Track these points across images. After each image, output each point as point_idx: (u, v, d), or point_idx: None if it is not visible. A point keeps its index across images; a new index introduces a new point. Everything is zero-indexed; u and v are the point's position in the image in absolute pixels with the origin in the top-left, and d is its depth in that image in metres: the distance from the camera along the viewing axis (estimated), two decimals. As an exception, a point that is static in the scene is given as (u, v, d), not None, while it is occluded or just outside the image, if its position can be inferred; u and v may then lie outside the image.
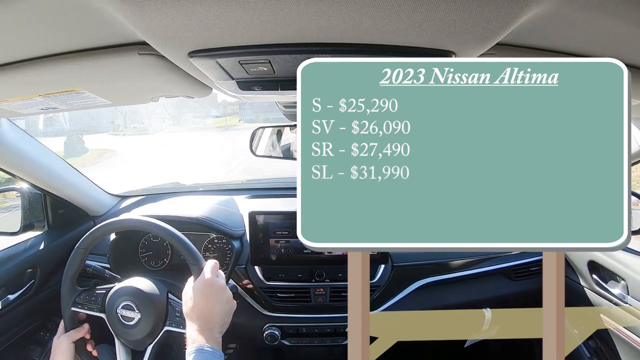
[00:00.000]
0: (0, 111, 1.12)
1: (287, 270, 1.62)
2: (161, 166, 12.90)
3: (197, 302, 1.07)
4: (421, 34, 0.68)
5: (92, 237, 1.24)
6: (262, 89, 0.97)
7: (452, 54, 0.76)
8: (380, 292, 1.61)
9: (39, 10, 0.61)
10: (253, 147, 1.75)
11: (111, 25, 0.67)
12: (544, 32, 0.73)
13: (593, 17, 0.66)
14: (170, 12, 0.59)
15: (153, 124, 26.81)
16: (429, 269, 1.68)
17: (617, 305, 1.51)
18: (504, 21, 0.62)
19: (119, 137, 25.37)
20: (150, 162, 14.13)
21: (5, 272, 1.48)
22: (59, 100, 1.05)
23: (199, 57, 0.76)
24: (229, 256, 1.63)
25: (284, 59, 0.77)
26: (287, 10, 0.59)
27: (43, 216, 1.73)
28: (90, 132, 23.96)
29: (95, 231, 1.24)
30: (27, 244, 1.63)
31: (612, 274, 1.55)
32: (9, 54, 0.79)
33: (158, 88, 1.04)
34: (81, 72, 0.85)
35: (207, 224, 1.60)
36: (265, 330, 1.62)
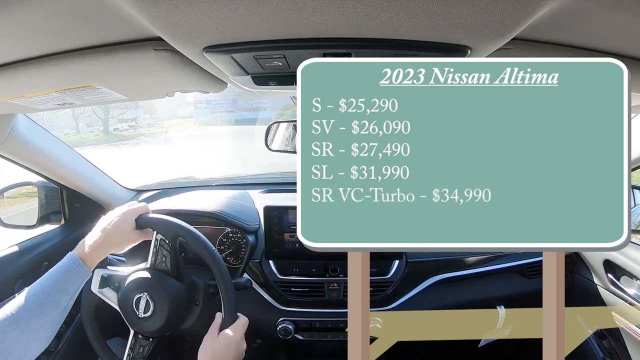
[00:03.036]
0: (17, 107, 1.14)
1: (302, 264, 1.62)
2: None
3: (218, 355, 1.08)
4: (437, 29, 0.67)
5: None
6: (277, 84, 0.97)
7: (468, 49, 0.76)
8: (394, 288, 1.60)
9: (55, 7, 0.61)
10: (268, 141, 1.75)
11: (126, 21, 0.67)
12: (560, 28, 0.72)
13: (610, 13, 0.66)
14: (185, 7, 0.59)
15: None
16: (443, 265, 1.66)
17: (632, 305, 1.49)
18: (521, 16, 0.62)
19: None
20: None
21: (22, 264, 1.51)
22: (75, 96, 1.06)
23: (214, 52, 0.76)
24: (243, 250, 1.63)
25: (300, 53, 0.76)
26: (302, 5, 0.59)
27: (60, 210, 1.75)
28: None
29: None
30: (44, 237, 1.65)
31: (627, 273, 1.52)
32: (26, 51, 0.80)
33: (173, 83, 1.04)
34: (97, 68, 0.85)
35: (222, 218, 1.60)
36: (279, 325, 1.62)
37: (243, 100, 15.88)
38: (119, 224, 1.14)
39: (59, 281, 1.00)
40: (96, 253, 1.09)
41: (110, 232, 1.12)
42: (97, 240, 1.10)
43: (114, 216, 1.16)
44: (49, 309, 0.96)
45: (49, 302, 0.96)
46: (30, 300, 0.94)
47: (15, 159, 1.42)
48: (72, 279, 1.02)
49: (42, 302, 0.95)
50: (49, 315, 0.95)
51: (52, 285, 0.98)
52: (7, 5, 0.58)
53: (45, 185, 1.69)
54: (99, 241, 1.10)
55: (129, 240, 1.17)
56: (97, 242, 1.09)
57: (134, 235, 1.18)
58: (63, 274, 1.01)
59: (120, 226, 1.14)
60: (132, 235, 1.17)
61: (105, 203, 1.86)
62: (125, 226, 1.15)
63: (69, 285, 1.01)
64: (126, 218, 1.16)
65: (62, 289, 0.99)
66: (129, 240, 1.17)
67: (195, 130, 17.24)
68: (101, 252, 1.10)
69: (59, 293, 0.98)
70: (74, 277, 1.02)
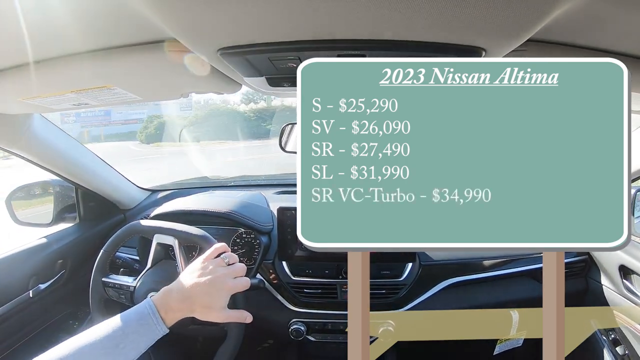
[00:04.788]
0: (34, 107, 1.15)
1: (315, 266, 1.61)
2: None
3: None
4: (451, 31, 0.68)
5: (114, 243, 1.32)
6: (291, 85, 0.97)
7: (483, 50, 0.76)
8: (407, 290, 1.59)
9: (72, 9, 0.61)
10: (282, 143, 1.75)
11: (142, 23, 0.67)
12: (575, 29, 0.72)
13: (626, 14, 0.66)
14: (200, 9, 0.59)
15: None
16: (456, 268, 1.65)
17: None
18: (536, 17, 0.62)
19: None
20: None
21: (37, 262, 1.53)
22: (90, 96, 1.07)
23: (229, 54, 0.76)
24: (256, 251, 1.64)
25: (314, 55, 0.76)
26: (316, 6, 0.59)
27: (75, 209, 1.77)
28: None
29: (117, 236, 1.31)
30: (59, 235, 1.67)
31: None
32: (43, 52, 0.81)
33: (188, 84, 1.05)
34: (112, 69, 0.86)
35: (236, 218, 1.61)
36: (291, 326, 1.61)
37: (118, 111, 14.62)
38: (215, 294, 0.95)
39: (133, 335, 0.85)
40: (179, 315, 0.92)
41: (201, 299, 0.94)
42: (184, 301, 0.93)
43: (214, 276, 0.97)
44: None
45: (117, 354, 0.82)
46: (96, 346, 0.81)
47: (31, 158, 1.44)
48: (146, 335, 0.87)
49: (107, 353, 0.81)
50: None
51: (124, 337, 0.84)
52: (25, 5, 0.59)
53: (60, 184, 1.71)
54: (185, 304, 0.93)
55: (215, 318, 0.96)
56: (183, 304, 0.92)
57: (222, 315, 0.97)
58: (139, 326, 0.86)
59: (215, 298, 0.95)
60: (222, 315, 0.96)
61: (120, 202, 1.88)
62: (220, 301, 0.96)
63: (141, 341, 0.86)
64: (224, 293, 0.97)
65: (133, 344, 0.84)
66: (215, 317, 0.96)
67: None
68: (183, 314, 0.93)
69: (128, 347, 0.84)
70: (149, 334, 0.87)
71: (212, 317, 0.95)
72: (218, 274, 0.97)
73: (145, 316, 0.88)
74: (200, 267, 0.99)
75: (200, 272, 0.97)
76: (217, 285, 0.95)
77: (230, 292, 0.98)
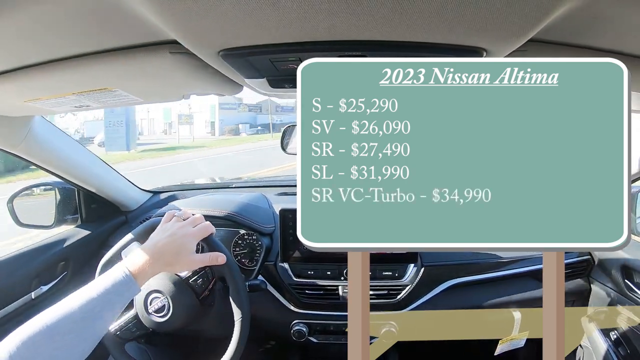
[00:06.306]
0: (35, 109, 1.15)
1: (317, 267, 1.61)
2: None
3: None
4: (452, 32, 0.68)
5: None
6: (292, 86, 0.97)
7: (484, 51, 0.76)
8: (409, 291, 1.59)
9: (72, 10, 0.62)
10: (284, 144, 1.75)
11: (142, 24, 0.67)
12: (575, 29, 0.72)
13: (626, 14, 0.65)
14: (201, 11, 0.59)
15: None
16: (458, 269, 1.64)
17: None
18: (537, 17, 0.62)
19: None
20: None
21: (39, 264, 1.53)
22: (92, 98, 1.07)
23: (230, 55, 0.76)
24: (258, 252, 1.63)
25: (314, 56, 0.76)
26: (317, 8, 0.59)
27: (76, 210, 1.77)
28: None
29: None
30: (60, 237, 1.67)
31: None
32: (44, 54, 0.81)
33: (189, 86, 1.05)
34: (113, 71, 0.86)
35: (237, 220, 1.60)
36: (293, 327, 1.61)
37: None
38: (179, 243, 1.03)
39: (107, 295, 0.89)
40: (150, 270, 0.97)
41: (169, 253, 1.01)
42: (154, 258, 0.98)
43: (176, 233, 1.04)
44: (90, 324, 0.86)
45: (93, 317, 0.86)
46: (72, 313, 0.84)
47: (33, 160, 1.44)
48: (121, 294, 0.92)
49: (84, 317, 0.85)
50: (89, 332, 0.86)
51: (99, 298, 0.88)
52: (26, 7, 0.59)
53: (62, 186, 1.71)
54: (155, 260, 0.98)
55: (186, 266, 1.08)
56: (153, 260, 0.98)
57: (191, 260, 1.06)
58: (112, 287, 0.91)
59: (181, 247, 1.03)
60: (191, 260, 1.06)
61: (121, 204, 1.88)
62: (186, 248, 1.04)
63: (117, 301, 0.91)
64: (189, 240, 1.04)
65: (108, 304, 0.89)
66: (186, 265, 1.07)
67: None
68: (155, 270, 0.99)
69: (105, 309, 0.88)
70: (123, 293, 0.92)
71: (183, 265, 1.06)
72: (177, 227, 1.06)
73: (120, 280, 0.92)
74: (160, 230, 1.07)
75: (161, 234, 1.05)
76: (179, 237, 1.04)
77: (195, 238, 1.07)
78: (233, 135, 35.85)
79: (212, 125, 41.93)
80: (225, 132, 38.97)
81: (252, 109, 45.65)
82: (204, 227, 1.11)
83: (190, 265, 1.08)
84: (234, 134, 36.93)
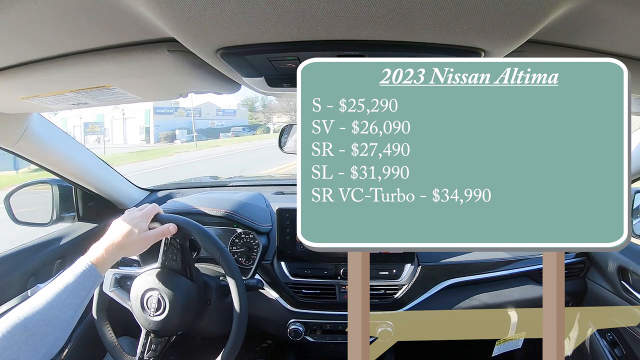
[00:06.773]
0: (32, 106, 1.15)
1: (313, 266, 1.61)
2: None
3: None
4: (450, 32, 0.68)
5: None
6: (291, 86, 0.97)
7: (482, 51, 0.76)
8: (406, 291, 1.59)
9: (70, 8, 0.61)
10: (281, 143, 1.75)
11: (141, 22, 0.67)
12: (575, 30, 0.72)
13: (625, 14, 0.65)
14: (199, 9, 0.59)
15: None
16: (455, 269, 1.64)
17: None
18: (535, 18, 0.62)
19: None
20: None
21: (35, 262, 1.52)
22: (89, 96, 1.07)
23: (228, 54, 0.76)
24: (255, 251, 1.63)
25: (313, 55, 0.76)
26: (315, 7, 0.59)
27: (73, 208, 1.76)
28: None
29: None
30: (57, 234, 1.67)
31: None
32: (42, 51, 0.81)
33: (187, 84, 1.05)
34: (111, 69, 0.86)
35: (234, 219, 1.60)
36: (290, 326, 1.61)
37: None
38: (130, 227, 1.14)
39: (71, 284, 0.99)
40: (108, 257, 1.08)
41: (122, 236, 1.12)
42: (109, 244, 1.09)
43: (125, 220, 1.16)
44: (59, 312, 0.95)
45: (60, 305, 0.95)
46: (41, 304, 0.93)
47: (30, 157, 1.43)
48: (84, 282, 1.01)
49: (52, 306, 0.94)
50: (59, 319, 0.94)
51: (64, 288, 0.98)
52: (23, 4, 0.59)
53: (59, 183, 1.70)
54: (110, 245, 1.09)
55: (141, 243, 1.16)
56: (109, 246, 1.09)
57: (144, 238, 1.16)
58: (75, 277, 1.00)
59: (132, 230, 1.14)
60: (144, 237, 1.16)
61: (119, 202, 1.88)
62: (136, 229, 1.14)
63: (81, 289, 1.00)
64: (137, 222, 1.16)
65: (73, 292, 0.98)
66: (140, 243, 1.16)
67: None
68: (113, 255, 1.10)
69: (70, 297, 0.98)
70: (86, 281, 1.02)
71: (137, 244, 1.15)
72: (125, 215, 1.19)
73: (83, 270, 1.02)
74: (113, 222, 1.17)
75: (113, 224, 1.16)
76: (128, 221, 1.15)
77: (143, 219, 1.18)
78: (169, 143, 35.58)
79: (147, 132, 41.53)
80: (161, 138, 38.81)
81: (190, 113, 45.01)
82: (149, 208, 1.22)
83: (144, 242, 1.16)
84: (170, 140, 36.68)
